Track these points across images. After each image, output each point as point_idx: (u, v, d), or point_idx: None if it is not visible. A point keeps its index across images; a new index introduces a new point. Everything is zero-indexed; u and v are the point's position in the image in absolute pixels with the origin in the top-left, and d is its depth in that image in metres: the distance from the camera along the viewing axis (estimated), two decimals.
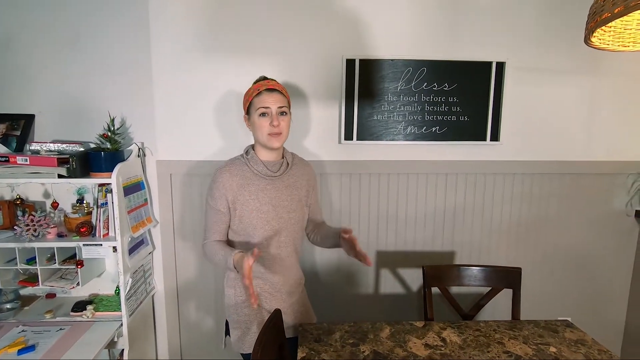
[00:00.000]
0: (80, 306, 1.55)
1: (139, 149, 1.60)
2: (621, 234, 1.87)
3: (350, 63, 1.62)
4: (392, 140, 1.69)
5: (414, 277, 1.84)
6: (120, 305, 1.49)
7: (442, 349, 1.15)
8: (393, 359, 1.08)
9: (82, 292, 1.68)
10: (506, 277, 1.39)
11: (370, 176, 1.73)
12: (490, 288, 1.40)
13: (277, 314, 1.03)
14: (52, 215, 1.59)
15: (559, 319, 1.28)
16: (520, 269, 1.38)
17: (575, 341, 1.20)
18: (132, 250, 1.53)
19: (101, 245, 1.46)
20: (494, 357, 1.10)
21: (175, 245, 1.73)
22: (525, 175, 1.78)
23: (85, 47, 1.57)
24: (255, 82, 1.21)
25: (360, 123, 1.67)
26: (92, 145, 1.59)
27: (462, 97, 1.68)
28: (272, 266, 1.21)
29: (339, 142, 1.69)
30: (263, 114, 1.14)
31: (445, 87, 1.67)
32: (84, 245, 1.45)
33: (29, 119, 1.60)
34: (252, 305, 1.06)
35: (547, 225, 1.83)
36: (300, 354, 1.10)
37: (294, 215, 1.23)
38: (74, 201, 1.62)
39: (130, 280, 1.49)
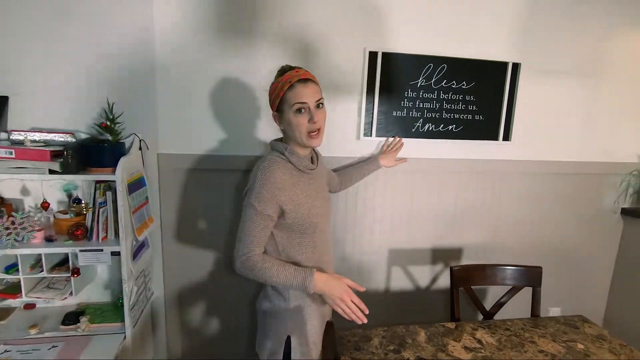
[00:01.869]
0: (71, 318, 1.37)
1: (140, 140, 1.42)
2: (608, 230, 2.01)
3: (372, 56, 1.55)
4: (410, 137, 1.66)
5: (424, 274, 1.85)
6: (117, 314, 1.34)
7: (482, 351, 1.15)
8: None
9: (67, 301, 1.48)
10: (527, 276, 1.43)
11: (386, 174, 1.69)
12: (511, 286, 1.44)
13: (331, 326, 0.97)
14: (33, 215, 1.37)
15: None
16: (541, 267, 1.43)
17: (597, 336, 1.26)
18: (135, 254, 1.37)
19: (102, 250, 1.28)
20: (532, 357, 1.13)
21: (178, 247, 1.58)
22: (529, 174, 1.84)
23: (72, 19, 1.34)
24: (280, 74, 1.08)
25: (379, 119, 1.62)
26: (83, 136, 1.38)
27: (478, 96, 1.68)
28: (328, 261, 1.18)
29: (358, 138, 1.63)
30: (299, 110, 1.03)
31: (464, 85, 1.66)
32: (80, 251, 1.27)
33: (1, 101, 1.35)
34: (362, 321, 1.01)
35: (546, 222, 1.92)
36: None
37: (329, 203, 1.22)
38: (60, 199, 1.41)
39: (135, 288, 1.34)
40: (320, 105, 1.07)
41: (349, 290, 1.03)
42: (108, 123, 1.30)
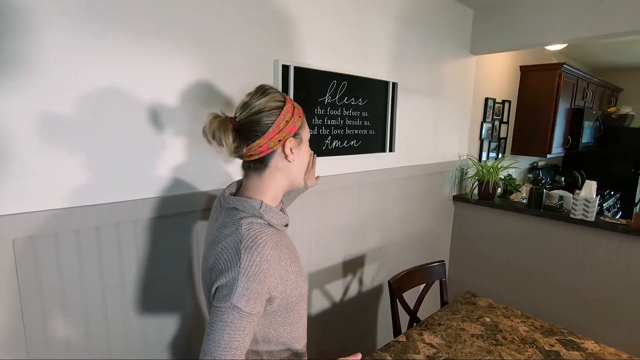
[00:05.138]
0: None
1: None
2: (446, 213, 2.59)
3: (284, 70, 1.39)
4: (321, 156, 1.60)
5: (338, 290, 1.85)
6: None
7: (439, 355, 1.25)
8: None
9: None
10: (437, 271, 1.65)
11: (302, 197, 1.58)
12: (425, 283, 1.63)
13: None
14: None
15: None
16: (444, 261, 1.67)
17: (489, 307, 1.59)
18: None
19: None
20: (469, 344, 1.31)
21: None
22: (405, 179, 2.12)
23: None
24: (270, 93, 0.81)
25: None
26: None
27: (370, 112, 1.80)
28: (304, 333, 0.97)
29: None
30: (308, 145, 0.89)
31: (360, 102, 1.73)
32: None
33: None
34: None
35: (415, 215, 2.28)
36: None
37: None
38: None
39: None
40: None
41: None
42: None
